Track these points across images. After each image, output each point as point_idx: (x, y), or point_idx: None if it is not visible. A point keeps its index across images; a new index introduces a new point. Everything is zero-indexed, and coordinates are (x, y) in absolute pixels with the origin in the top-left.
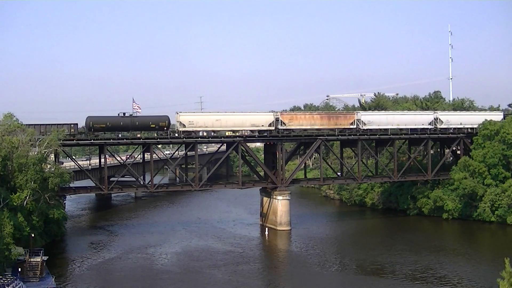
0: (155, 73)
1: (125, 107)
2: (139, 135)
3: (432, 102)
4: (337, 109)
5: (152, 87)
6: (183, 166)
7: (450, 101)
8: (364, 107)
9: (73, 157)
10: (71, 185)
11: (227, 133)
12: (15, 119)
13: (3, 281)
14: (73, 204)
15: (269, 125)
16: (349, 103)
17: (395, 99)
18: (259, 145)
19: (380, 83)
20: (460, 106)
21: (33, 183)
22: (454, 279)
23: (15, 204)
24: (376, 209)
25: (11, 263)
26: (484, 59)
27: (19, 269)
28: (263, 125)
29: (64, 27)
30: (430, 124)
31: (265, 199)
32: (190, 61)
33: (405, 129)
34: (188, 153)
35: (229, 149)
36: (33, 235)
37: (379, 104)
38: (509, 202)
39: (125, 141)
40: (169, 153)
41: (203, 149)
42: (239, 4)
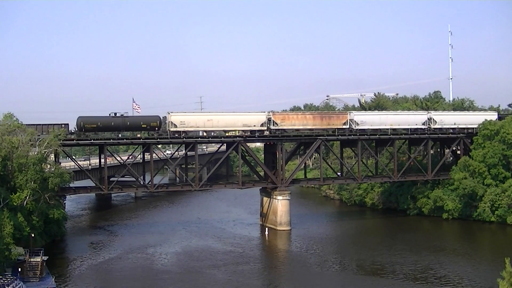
0: (155, 73)
1: (125, 107)
2: (139, 135)
3: (432, 102)
4: (337, 109)
5: (152, 87)
6: (183, 166)
7: (450, 101)
8: (364, 107)
9: (73, 157)
10: (71, 185)
11: (227, 133)
12: (15, 119)
13: (3, 281)
14: (73, 204)
15: (261, 125)
16: (349, 103)
17: (395, 99)
18: (259, 145)
19: (380, 83)
20: (460, 106)
21: (33, 183)
22: (454, 279)
23: (15, 204)
24: (376, 209)
25: (11, 263)
26: (484, 59)
27: (19, 269)
28: (255, 125)
29: (64, 27)
30: (424, 124)
31: (265, 199)
32: (190, 61)
33: (399, 129)
34: (188, 153)
35: (229, 149)
36: (33, 235)
37: (379, 104)
38: (509, 202)
39: (125, 141)
40: (170, 153)
41: (203, 149)
42: (239, 4)
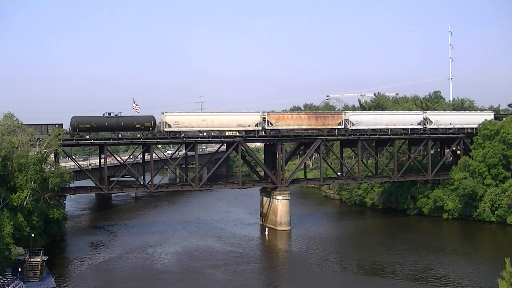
0: (155, 73)
1: (125, 107)
2: (139, 135)
3: (432, 102)
4: (337, 109)
5: (152, 87)
6: (183, 166)
7: (450, 101)
8: (364, 107)
9: (73, 157)
10: (71, 185)
11: (227, 133)
12: (15, 119)
13: (3, 281)
14: (73, 204)
15: (256, 126)
16: (349, 103)
17: (395, 99)
18: (259, 145)
19: (380, 83)
20: (460, 106)
21: (33, 183)
22: (454, 279)
23: (15, 204)
24: (376, 209)
25: (11, 263)
26: (484, 59)
27: (19, 269)
28: (249, 125)
29: (64, 27)
30: (419, 124)
31: (265, 199)
32: (190, 61)
33: (394, 129)
34: (188, 153)
35: (229, 149)
36: (33, 235)
37: (379, 104)
38: (509, 202)
39: (125, 141)
40: (170, 153)
41: (203, 149)
42: (239, 4)
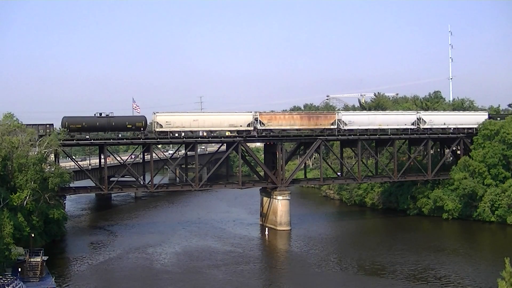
0: (155, 73)
1: (125, 107)
2: (139, 135)
3: (432, 102)
4: (337, 109)
5: (152, 87)
6: (183, 166)
7: (450, 101)
8: (364, 107)
9: (73, 157)
10: (71, 185)
11: (227, 133)
12: (15, 119)
13: (3, 281)
14: (73, 204)
15: (248, 126)
16: (349, 103)
17: (395, 99)
18: (259, 145)
19: (380, 83)
20: (460, 106)
21: (33, 183)
22: (454, 279)
23: (15, 204)
24: (376, 209)
25: (11, 263)
26: (484, 59)
27: (19, 269)
28: (241, 126)
29: (64, 27)
30: (413, 124)
31: (265, 199)
32: (190, 61)
33: (387, 129)
34: (188, 153)
35: (229, 149)
36: (33, 235)
37: (379, 104)
38: (509, 202)
39: (125, 141)
40: (171, 153)
41: (203, 149)
42: (239, 4)
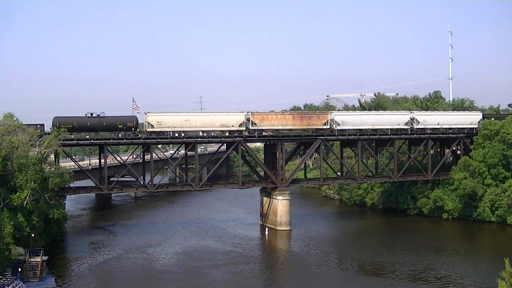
0: (155, 73)
1: (125, 107)
2: (139, 135)
3: (432, 102)
4: (337, 109)
5: (152, 87)
6: (183, 166)
7: (450, 101)
8: (364, 107)
9: (73, 157)
10: (71, 185)
11: (227, 133)
12: (15, 119)
13: (3, 281)
14: (73, 204)
15: (240, 126)
16: (349, 103)
17: (395, 99)
18: (259, 145)
19: (380, 83)
20: (460, 106)
21: (33, 183)
22: (454, 279)
23: (15, 204)
24: (376, 209)
25: (11, 263)
26: (484, 59)
27: (19, 269)
28: (233, 126)
29: (63, 27)
30: (406, 124)
31: (265, 199)
32: (190, 61)
33: (381, 130)
34: (188, 153)
35: (229, 149)
36: (33, 235)
37: (379, 104)
38: (509, 202)
39: (125, 141)
40: (171, 153)
41: (203, 149)
42: (239, 4)
